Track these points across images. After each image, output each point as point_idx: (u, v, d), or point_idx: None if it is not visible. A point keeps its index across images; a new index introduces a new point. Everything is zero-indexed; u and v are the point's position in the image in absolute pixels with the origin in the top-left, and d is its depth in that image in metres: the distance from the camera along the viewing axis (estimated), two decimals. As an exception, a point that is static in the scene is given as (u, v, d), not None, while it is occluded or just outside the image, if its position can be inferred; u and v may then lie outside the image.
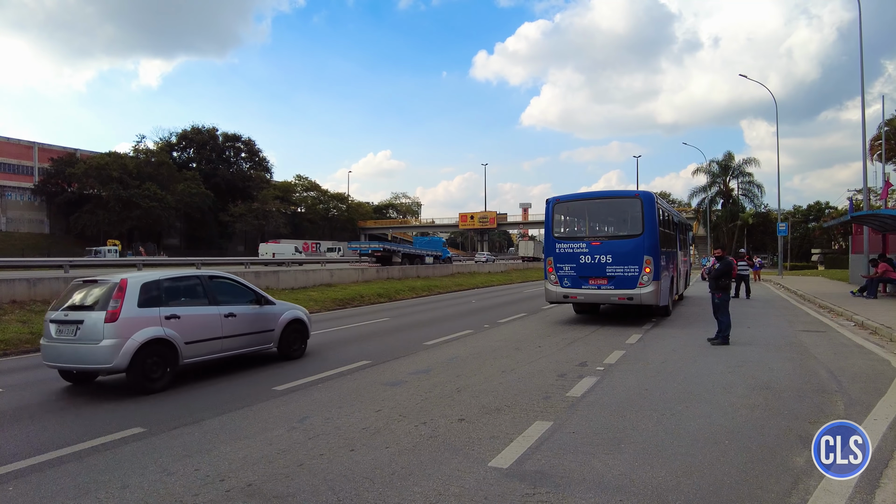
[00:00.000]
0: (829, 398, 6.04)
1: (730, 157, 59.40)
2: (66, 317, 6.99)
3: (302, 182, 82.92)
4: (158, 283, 7.47)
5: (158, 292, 7.37)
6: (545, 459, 4.33)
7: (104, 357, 6.67)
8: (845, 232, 47.65)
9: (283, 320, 9.06)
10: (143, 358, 6.85)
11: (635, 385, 6.77)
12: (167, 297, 7.47)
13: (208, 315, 7.82)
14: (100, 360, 6.72)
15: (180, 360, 7.30)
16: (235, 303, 8.37)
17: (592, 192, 16.20)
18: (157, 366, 7.03)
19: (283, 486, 3.91)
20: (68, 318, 6.97)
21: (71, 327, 6.88)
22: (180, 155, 69.49)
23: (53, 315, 7.11)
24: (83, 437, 5.10)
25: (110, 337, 6.67)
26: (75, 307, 7.10)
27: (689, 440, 4.73)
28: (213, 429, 5.33)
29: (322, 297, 19.32)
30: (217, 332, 7.87)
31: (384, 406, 5.98)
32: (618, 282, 12.05)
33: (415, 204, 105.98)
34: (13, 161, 57.22)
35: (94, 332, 6.72)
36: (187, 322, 7.46)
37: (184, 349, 7.31)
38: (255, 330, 8.52)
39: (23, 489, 4.01)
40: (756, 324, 12.37)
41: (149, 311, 7.07)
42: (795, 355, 8.57)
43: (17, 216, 55.62)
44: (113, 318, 6.73)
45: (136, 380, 6.86)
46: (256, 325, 8.56)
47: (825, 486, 3.73)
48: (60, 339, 6.94)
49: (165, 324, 7.17)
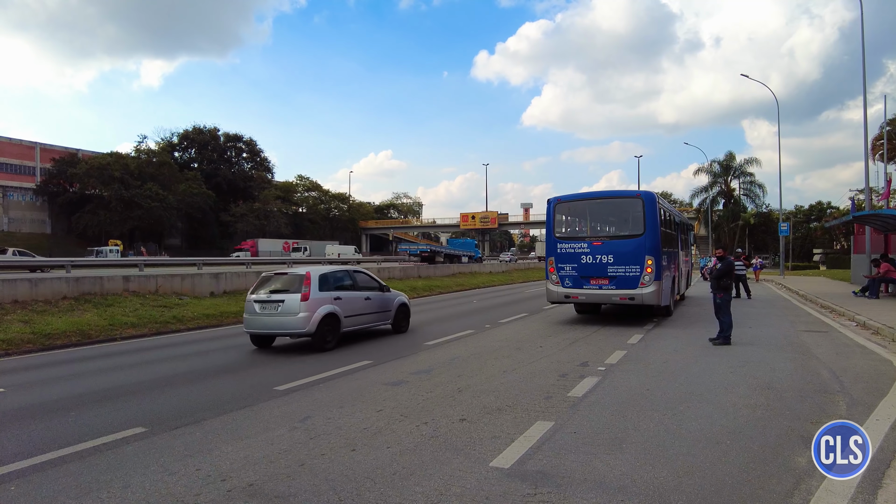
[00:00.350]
0: (831, 398, 6.03)
1: (731, 157, 59.34)
2: (269, 297, 9.69)
3: (303, 182, 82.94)
4: (327, 274, 10.23)
5: (328, 280, 10.07)
6: (547, 459, 4.32)
7: (300, 325, 9.37)
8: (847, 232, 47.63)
9: (396, 303, 11.77)
10: (323, 326, 9.55)
11: (637, 385, 6.76)
12: (332, 284, 10.18)
13: (356, 297, 10.65)
14: (296, 327, 9.41)
15: (342, 329, 10.03)
16: (369, 289, 11.15)
17: (594, 192, 16.20)
18: (329, 332, 9.74)
19: (284, 486, 3.92)
20: (271, 299, 9.66)
21: (274, 305, 9.59)
22: (182, 155, 69.46)
23: (255, 297, 9.79)
24: (85, 437, 5.11)
25: (304, 311, 9.36)
26: (276, 290, 9.79)
27: (691, 440, 4.73)
28: (215, 428, 5.34)
29: (323, 297, 19.32)
30: (361, 310, 10.70)
31: (385, 406, 5.98)
32: (619, 282, 12.05)
33: (416, 204, 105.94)
34: (15, 161, 57.29)
35: (292, 308, 9.41)
36: (345, 301, 10.21)
37: (344, 321, 10.08)
38: (381, 310, 11.29)
39: (25, 489, 4.01)
40: (758, 324, 12.36)
41: (325, 294, 9.79)
42: (797, 355, 8.56)
43: (19, 216, 55.68)
44: (305, 298, 9.43)
45: (317, 342, 9.56)
46: (381, 307, 11.33)
47: (827, 486, 3.72)
48: (265, 313, 9.65)
49: (334, 303, 9.89)
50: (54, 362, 9.45)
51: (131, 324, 12.78)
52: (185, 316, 14.13)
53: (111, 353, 10.27)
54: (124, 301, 14.41)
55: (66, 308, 13.09)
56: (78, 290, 14.22)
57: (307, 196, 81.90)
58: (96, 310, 13.31)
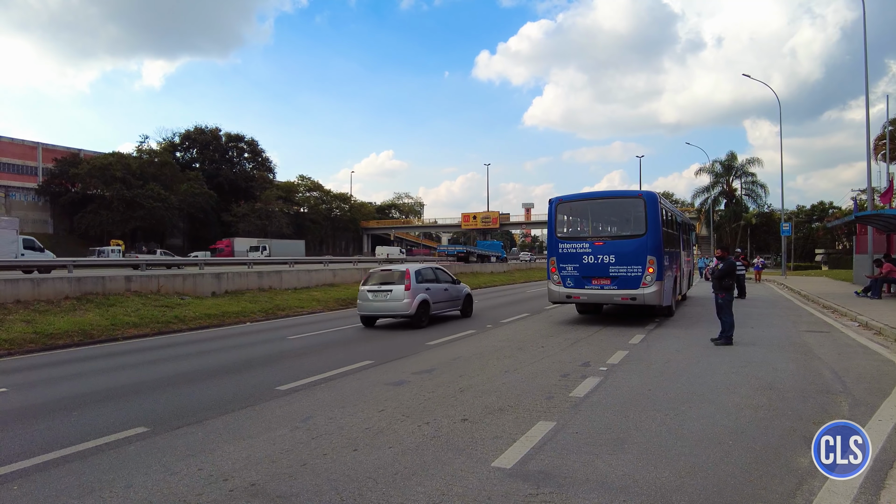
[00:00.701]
0: (834, 399, 6.02)
1: (733, 157, 59.21)
2: (380, 288, 12.77)
3: (305, 182, 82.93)
4: (420, 270, 13.39)
5: (421, 275, 13.18)
6: (548, 460, 4.32)
7: (404, 308, 12.47)
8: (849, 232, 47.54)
9: (464, 293, 14.91)
10: (419, 309, 12.61)
11: (638, 385, 6.76)
12: (424, 278, 13.25)
13: (439, 287, 13.72)
14: (401, 310, 12.53)
15: (430, 312, 13.04)
16: (447, 282, 14.30)
17: (595, 192, 16.19)
18: (424, 314, 12.80)
19: (286, 486, 3.92)
20: (381, 289, 12.74)
21: (384, 293, 12.64)
22: (183, 155, 69.50)
23: (368, 287, 12.94)
24: (87, 437, 5.11)
25: (407, 298, 12.42)
26: (384, 282, 12.85)
27: (693, 440, 4.72)
28: (217, 428, 5.34)
29: (325, 297, 19.35)
30: (442, 298, 13.77)
31: (387, 406, 5.98)
32: (621, 282, 12.03)
33: (417, 204, 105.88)
34: (17, 161, 57.30)
35: (398, 296, 12.48)
36: (432, 291, 13.29)
37: (432, 306, 13.12)
38: (454, 298, 14.40)
39: (27, 488, 4.02)
40: (760, 324, 12.34)
41: (420, 285, 12.82)
42: (799, 356, 8.54)
43: (22, 216, 55.45)
44: (408, 287, 12.48)
45: (415, 321, 12.63)
46: (455, 296, 14.43)
47: (829, 486, 3.71)
48: (376, 299, 12.72)
49: (425, 292, 12.90)
50: (56, 362, 9.47)
51: (133, 324, 12.80)
52: (187, 316, 14.15)
53: (113, 353, 10.29)
54: (126, 301, 14.43)
55: (68, 308, 13.12)
56: (80, 289, 14.25)
57: (309, 196, 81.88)
58: (98, 310, 13.33)
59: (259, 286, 19.32)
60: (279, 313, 16.18)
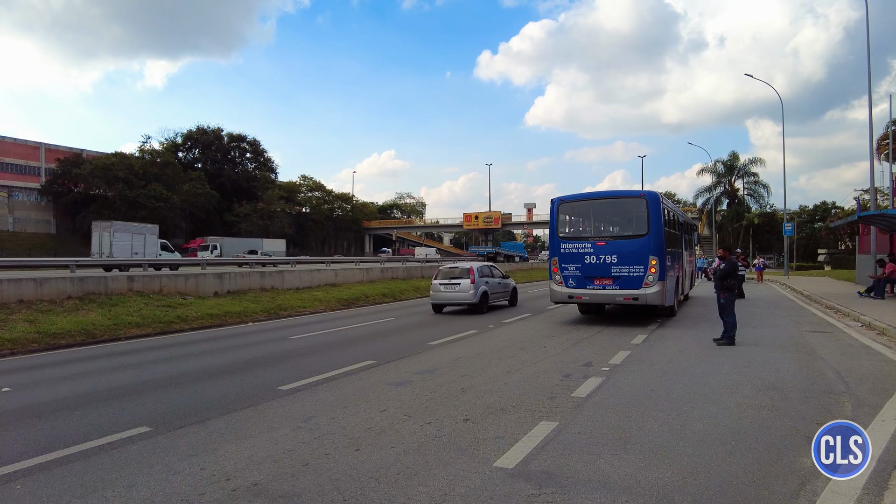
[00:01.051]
0: (837, 399, 6.01)
1: (735, 157, 59.16)
2: (450, 281, 15.77)
3: (307, 182, 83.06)
4: (480, 267, 16.48)
5: (482, 271, 16.29)
6: (551, 460, 4.31)
7: (470, 298, 15.45)
8: (852, 232, 47.43)
9: (511, 287, 18.02)
10: (482, 299, 15.71)
11: (641, 385, 6.75)
12: (484, 273, 16.33)
13: (493, 281, 16.80)
14: (468, 300, 15.51)
15: (489, 302, 16.17)
16: (499, 277, 17.42)
17: (597, 192, 16.17)
18: (484, 303, 15.83)
19: (288, 486, 3.92)
20: (451, 282, 15.74)
21: (453, 286, 15.67)
22: (185, 155, 69.60)
23: (439, 281, 15.96)
24: (90, 436, 5.12)
25: (472, 290, 15.46)
26: (453, 277, 15.87)
27: (696, 441, 4.71)
28: (219, 428, 5.35)
29: (327, 297, 19.36)
30: (496, 290, 16.84)
31: (389, 406, 5.98)
32: (623, 282, 12.02)
33: (419, 204, 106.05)
34: (20, 162, 57.45)
35: (466, 287, 15.51)
36: (490, 284, 16.41)
37: (490, 297, 16.26)
38: (504, 290, 17.54)
39: (30, 487, 4.03)
40: (762, 324, 12.31)
41: (481, 279, 15.93)
42: (802, 356, 8.52)
43: (25, 216, 55.89)
44: (473, 281, 15.52)
45: (478, 308, 15.60)
46: (505, 288, 17.59)
47: (833, 487, 3.70)
48: (447, 291, 15.72)
49: (485, 285, 16.02)
50: (59, 362, 9.49)
51: (135, 323, 12.82)
52: (189, 316, 14.17)
53: (115, 353, 10.31)
54: (128, 301, 14.45)
55: (70, 308, 13.14)
56: (83, 289, 14.27)
57: (311, 196, 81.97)
58: (101, 309, 13.36)
59: (261, 286, 19.34)
60: (281, 313, 16.20)
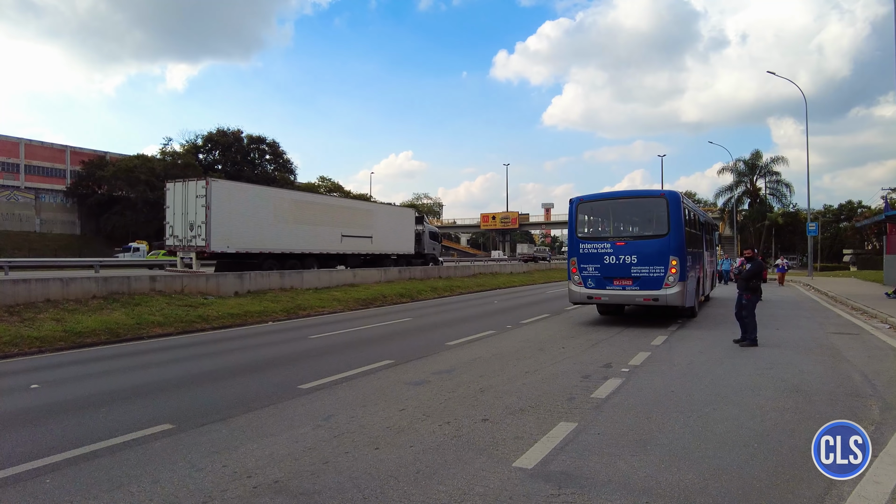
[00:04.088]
0: (864, 402, 5.89)
1: (757, 156, 58.23)
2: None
3: (325, 183, 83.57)
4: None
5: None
6: (570, 460, 4.30)
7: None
8: (879, 232, 46.35)
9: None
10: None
11: (661, 387, 6.68)
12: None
13: None
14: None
15: None
16: None
17: (617, 192, 16.05)
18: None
19: (309, 484, 3.96)
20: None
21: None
22: (206, 157, 70.45)
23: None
24: (115, 433, 5.22)
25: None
26: None
27: (717, 442, 4.66)
28: (240, 426, 5.42)
29: (345, 297, 19.48)
30: None
31: (408, 405, 6.01)
32: (643, 282, 11.91)
33: (436, 204, 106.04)
34: (47, 164, 58.77)
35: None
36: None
37: None
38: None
39: (59, 482, 4.12)
40: (785, 326, 12.11)
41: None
42: (827, 358, 8.37)
43: (51, 217, 57.22)
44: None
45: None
46: None
47: (860, 492, 3.63)
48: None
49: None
50: (85, 360, 9.69)
51: (158, 323, 13.03)
52: (210, 315, 14.36)
53: (139, 352, 10.49)
54: (151, 300, 14.69)
55: (95, 307, 13.40)
56: (107, 289, 14.55)
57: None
58: (124, 309, 13.60)
59: (280, 286, 19.53)
60: (300, 313, 16.33)
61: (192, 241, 21.08)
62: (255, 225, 22.50)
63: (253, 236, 22.41)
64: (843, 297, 18.29)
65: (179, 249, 21.75)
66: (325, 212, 26.37)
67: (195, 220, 20.99)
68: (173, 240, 21.88)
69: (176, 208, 21.81)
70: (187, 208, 21.28)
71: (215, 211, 20.81)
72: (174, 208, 21.92)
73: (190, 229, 21.13)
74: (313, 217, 25.46)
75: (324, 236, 25.70)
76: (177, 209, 21.75)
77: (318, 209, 26.24)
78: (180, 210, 21.56)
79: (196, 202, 20.89)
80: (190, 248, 21.19)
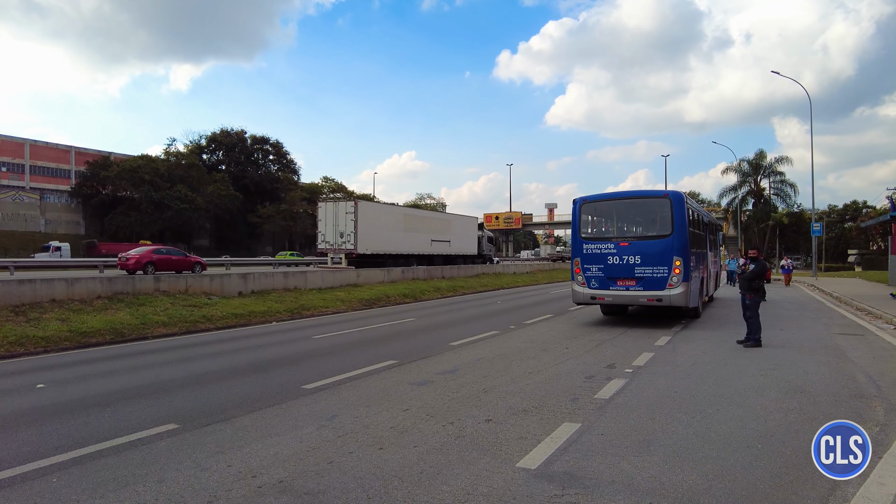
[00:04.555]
0: (868, 403, 5.87)
1: (761, 156, 57.91)
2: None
3: (329, 183, 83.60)
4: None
5: None
6: (574, 461, 4.30)
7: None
8: (884, 232, 46.22)
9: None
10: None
11: (665, 387, 6.68)
12: None
13: None
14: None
15: None
16: None
17: (620, 192, 16.03)
18: None
19: (313, 483, 3.98)
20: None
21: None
22: (210, 157, 70.68)
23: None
24: (120, 432, 5.25)
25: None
26: None
27: (721, 443, 4.66)
28: (245, 426, 5.44)
29: (349, 297, 19.51)
30: None
31: (412, 405, 6.02)
32: (646, 283, 11.89)
33: (440, 205, 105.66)
34: (52, 165, 58.99)
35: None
36: None
37: None
38: None
39: (66, 481, 4.15)
40: (789, 326, 12.08)
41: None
42: (831, 359, 8.35)
43: (56, 218, 57.48)
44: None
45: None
46: None
47: (864, 493, 3.63)
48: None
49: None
50: (90, 359, 9.74)
51: (162, 323, 13.08)
52: (214, 315, 14.40)
53: (143, 352, 10.54)
54: (155, 301, 14.75)
55: (100, 307, 13.46)
56: (111, 289, 14.61)
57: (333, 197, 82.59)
58: (129, 309, 13.66)
59: (284, 286, 19.57)
60: (304, 313, 16.37)
61: (342, 245, 28.54)
62: (383, 233, 30.15)
63: (382, 241, 30.05)
64: (848, 297, 18.24)
65: (330, 251, 29.05)
66: (421, 222, 34.78)
67: (345, 230, 28.40)
68: (325, 244, 29.26)
69: (328, 221, 29.12)
70: (338, 221, 28.65)
71: (361, 223, 28.31)
72: (326, 221, 29.22)
73: (340, 237, 28.59)
74: (414, 226, 33.44)
75: (421, 241, 33.53)
76: (328, 222, 29.09)
77: (417, 220, 34.83)
78: (332, 223, 28.90)
79: (346, 217, 28.39)
80: (340, 251, 28.63)
